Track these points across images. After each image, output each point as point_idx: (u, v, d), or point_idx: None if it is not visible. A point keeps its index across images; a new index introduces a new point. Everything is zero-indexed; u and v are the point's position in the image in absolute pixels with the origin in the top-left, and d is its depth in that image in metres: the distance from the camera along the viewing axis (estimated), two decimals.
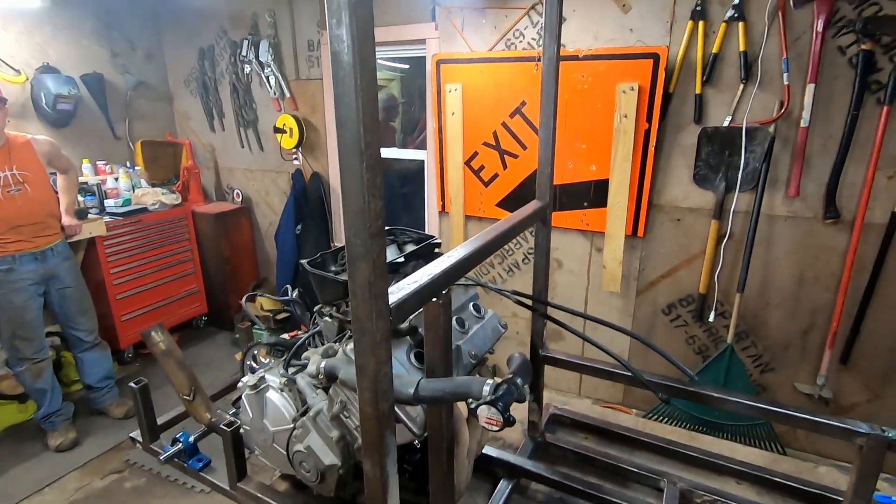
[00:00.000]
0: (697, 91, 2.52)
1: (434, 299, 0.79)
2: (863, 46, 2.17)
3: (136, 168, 4.03)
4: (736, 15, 2.35)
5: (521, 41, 2.89)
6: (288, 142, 3.76)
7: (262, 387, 1.11)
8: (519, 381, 0.80)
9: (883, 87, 2.20)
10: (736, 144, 2.45)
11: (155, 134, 4.29)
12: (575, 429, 1.53)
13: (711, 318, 2.70)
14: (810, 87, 2.29)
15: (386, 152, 3.86)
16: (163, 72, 4.32)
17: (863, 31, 2.16)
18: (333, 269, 1.14)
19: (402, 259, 1.17)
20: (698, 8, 2.43)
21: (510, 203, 3.13)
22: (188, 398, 1.33)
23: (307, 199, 3.90)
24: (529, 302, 1.22)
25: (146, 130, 4.25)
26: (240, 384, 1.23)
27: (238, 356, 3.48)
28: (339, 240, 3.91)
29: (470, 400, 0.76)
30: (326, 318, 1.12)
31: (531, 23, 2.83)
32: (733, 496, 1.26)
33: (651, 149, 2.64)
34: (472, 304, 1.18)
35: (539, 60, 2.77)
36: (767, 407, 1.14)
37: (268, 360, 1.61)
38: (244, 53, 3.79)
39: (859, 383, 2.56)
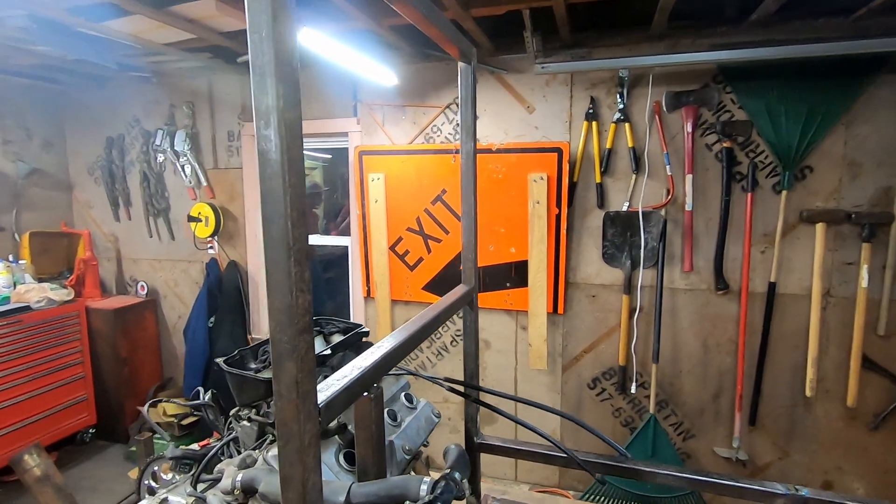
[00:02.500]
0: (598, 180, 2.81)
1: (365, 394, 0.75)
2: (724, 144, 2.58)
3: (21, 262, 3.62)
4: (622, 117, 2.72)
5: (438, 135, 3.10)
6: (203, 230, 3.61)
7: None
8: (457, 475, 0.76)
9: (745, 177, 2.59)
10: (635, 226, 2.72)
11: (49, 224, 3.94)
12: None
13: (633, 390, 2.81)
14: (689, 177, 2.64)
15: (310, 239, 3.82)
16: (63, 159, 4.06)
17: (721, 133, 2.58)
18: (253, 366, 1.05)
19: (328, 351, 1.11)
20: (590, 111, 2.77)
21: (437, 286, 3.17)
22: None
23: (222, 288, 3.69)
24: (462, 389, 1.20)
25: (38, 220, 3.89)
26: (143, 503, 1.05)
27: (133, 473, 3.01)
28: (258, 331, 3.68)
29: (407, 503, 0.71)
30: (244, 423, 1.01)
31: (447, 119, 3.07)
32: None
33: (563, 231, 2.85)
34: (403, 394, 1.13)
35: (457, 153, 2.98)
36: (695, 477, 1.17)
37: (171, 475, 1.41)
38: (158, 143, 3.69)
39: (769, 442, 2.73)
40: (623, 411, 2.96)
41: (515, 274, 3.00)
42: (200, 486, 0.97)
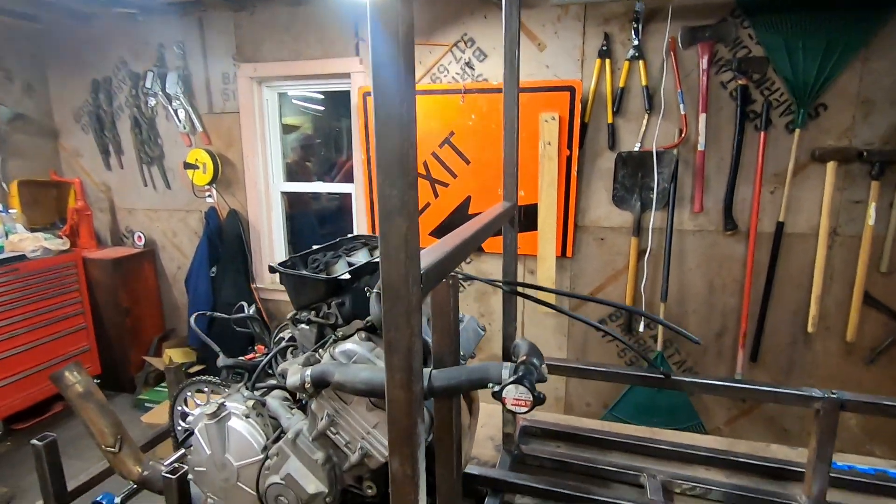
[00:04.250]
0: (609, 121, 2.77)
1: (444, 280, 0.74)
2: (739, 82, 2.54)
3: (12, 211, 3.50)
4: (636, 54, 2.65)
5: (445, 75, 3.01)
6: (201, 178, 3.51)
7: (222, 415, 0.94)
8: (535, 361, 0.76)
9: (758, 116, 2.57)
10: (647, 166, 2.71)
11: (36, 173, 3.79)
12: (546, 438, 1.50)
13: (641, 329, 2.87)
14: (703, 117, 2.61)
15: (312, 185, 3.75)
16: (46, 105, 3.87)
17: (737, 69, 2.53)
18: (306, 272, 1.03)
19: (361, 261, 1.10)
20: (604, 48, 2.70)
21: (444, 231, 3.14)
22: (113, 450, 1.09)
23: (223, 238, 3.62)
24: (530, 293, 1.19)
25: (25, 169, 3.74)
26: (190, 418, 1.04)
27: (148, 418, 3.03)
28: (261, 280, 3.65)
29: (490, 384, 0.71)
30: (303, 326, 1.00)
31: (454, 58, 2.97)
32: (707, 480, 1.30)
33: (574, 173, 2.83)
34: None
35: (466, 92, 2.90)
36: (736, 385, 1.21)
37: (205, 403, 1.40)
38: (148, 86, 3.53)
39: (769, 378, 2.83)
40: (628, 351, 3.03)
41: (524, 217, 2.98)
42: (257, 393, 0.97)
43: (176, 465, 1.01)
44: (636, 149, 2.75)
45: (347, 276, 0.94)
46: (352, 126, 3.25)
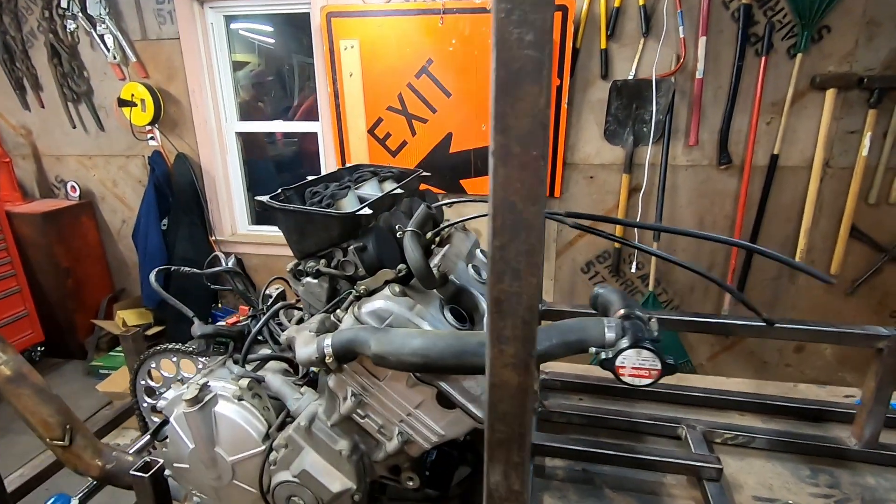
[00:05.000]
0: (602, 46, 2.54)
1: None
2: (742, 1, 2.35)
3: None
4: None
5: None
6: (140, 117, 3.06)
7: (207, 399, 0.73)
8: (641, 314, 0.60)
9: (760, 39, 2.41)
10: (644, 97, 2.52)
11: None
12: (568, 392, 1.37)
13: (633, 270, 2.79)
14: (702, 40, 2.42)
15: (273, 125, 3.37)
16: None
17: None
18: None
19: (400, 190, 0.88)
20: None
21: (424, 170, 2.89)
22: (62, 444, 0.87)
23: (173, 186, 3.23)
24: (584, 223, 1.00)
25: None
26: (160, 404, 0.81)
27: (104, 387, 2.75)
28: (221, 232, 3.32)
29: (594, 350, 0.54)
30: (309, 280, 0.78)
31: None
32: (747, 428, 1.21)
33: (564, 106, 2.61)
34: (478, 249, 0.94)
35: (445, 13, 2.58)
36: (793, 326, 1.10)
37: (175, 374, 1.18)
38: (64, 6, 2.97)
39: (753, 313, 2.84)
40: None
41: None
42: (248, 367, 0.76)
43: (148, 459, 0.80)
44: (631, 77, 2.55)
45: (368, 210, 0.72)
46: (314, 57, 2.87)
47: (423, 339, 0.57)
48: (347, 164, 1.07)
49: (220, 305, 3.22)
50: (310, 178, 0.90)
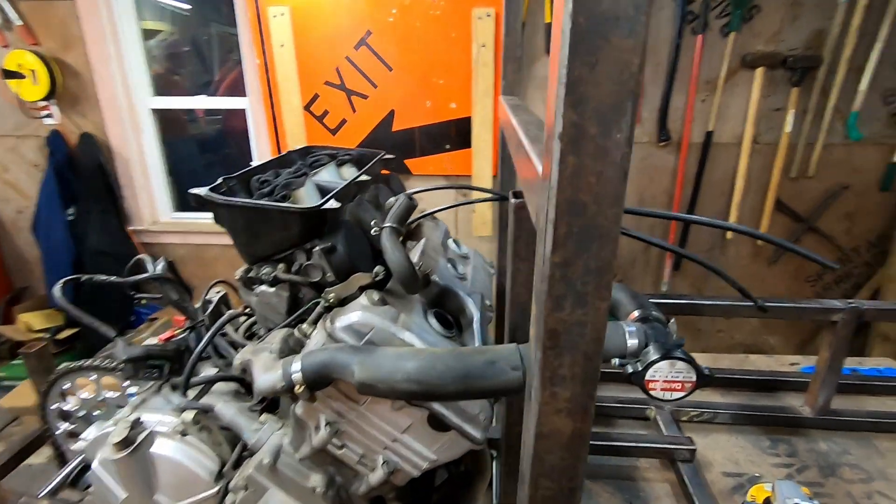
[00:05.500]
0: (547, 19, 2.49)
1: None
2: None
3: None
4: None
5: None
6: (30, 91, 2.65)
7: (140, 439, 0.60)
8: (659, 315, 0.54)
9: (697, 17, 2.45)
10: None
11: None
12: None
13: None
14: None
15: (194, 100, 3.05)
16: None
17: None
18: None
19: (366, 176, 0.77)
20: None
21: None
22: None
23: (77, 171, 2.86)
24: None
25: None
26: (79, 445, 0.66)
27: (12, 400, 2.42)
28: (140, 221, 2.99)
29: (617, 361, 0.47)
30: (264, 289, 0.66)
31: None
32: (710, 404, 1.23)
33: None
34: (450, 240, 0.85)
35: None
36: (763, 304, 1.11)
37: (94, 395, 1.01)
38: None
39: (688, 283, 2.99)
40: None
41: (456, 133, 2.69)
42: (192, 395, 0.63)
43: None
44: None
45: (335, 203, 0.61)
46: (237, 25, 2.60)
47: (417, 360, 0.47)
48: (297, 147, 0.94)
49: (143, 303, 2.91)
50: (254, 163, 0.77)
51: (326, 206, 0.60)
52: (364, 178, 0.75)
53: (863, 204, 2.72)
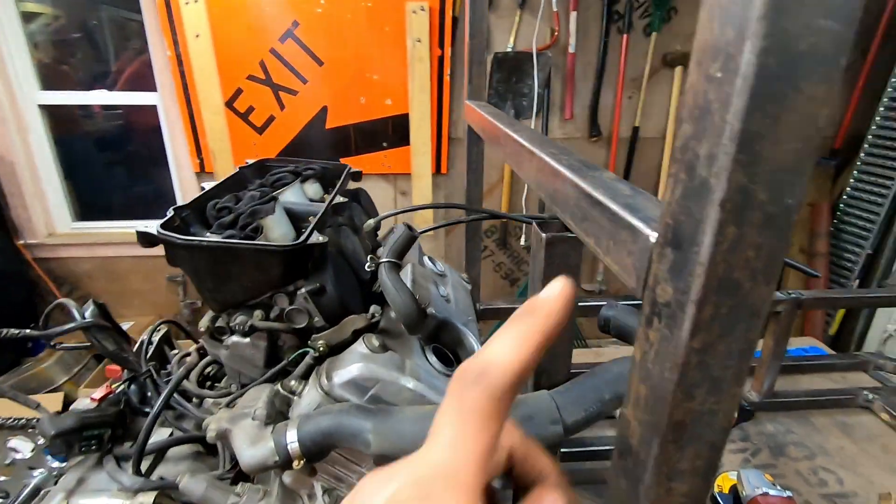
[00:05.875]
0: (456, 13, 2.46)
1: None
2: None
3: None
4: None
5: None
6: None
7: None
8: None
9: (622, 17, 2.55)
10: (524, 70, 2.52)
11: None
12: None
13: (522, 242, 2.86)
14: (573, 15, 2.48)
15: (94, 96, 2.69)
16: None
17: None
18: (212, 235, 0.55)
19: (341, 198, 0.67)
20: None
21: (295, 152, 2.58)
22: None
23: None
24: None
25: None
26: None
27: None
28: (33, 234, 2.61)
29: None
30: (235, 339, 0.55)
31: None
32: None
33: (447, 77, 2.51)
34: (425, 256, 0.79)
35: None
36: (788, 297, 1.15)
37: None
38: None
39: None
40: (504, 265, 3.04)
41: (393, 131, 2.60)
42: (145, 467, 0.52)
43: None
44: (510, 49, 2.53)
45: (321, 236, 0.52)
46: (143, 11, 2.32)
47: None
48: (248, 161, 0.83)
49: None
50: (205, 185, 0.65)
51: (312, 240, 0.52)
52: (340, 199, 0.67)
53: None
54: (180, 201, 0.59)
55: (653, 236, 0.24)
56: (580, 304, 1.09)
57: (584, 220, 0.32)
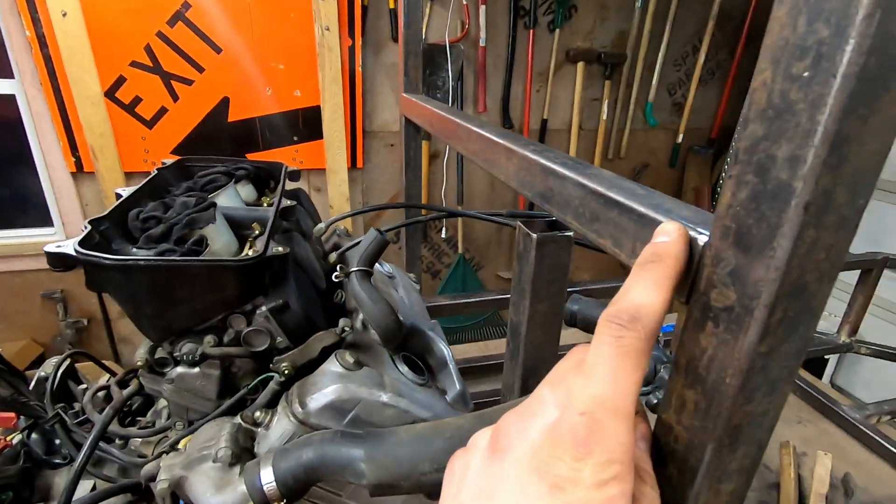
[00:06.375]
0: (391, 5, 2.41)
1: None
2: None
3: None
4: None
5: None
6: None
7: None
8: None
9: (527, 13, 2.63)
10: (437, 62, 2.51)
11: None
12: None
13: (444, 235, 2.86)
14: (483, 8, 2.52)
15: None
16: None
17: None
18: (139, 250, 0.45)
19: (288, 201, 0.59)
20: None
21: (193, 148, 2.35)
22: None
23: None
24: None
25: None
26: None
27: None
28: None
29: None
30: (182, 371, 0.45)
31: None
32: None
33: (359, 69, 2.42)
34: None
35: None
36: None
37: None
38: None
39: None
40: (425, 258, 3.03)
41: (304, 125, 2.47)
42: None
43: None
44: (422, 41, 2.50)
45: (282, 247, 0.45)
46: None
47: (442, 439, 0.36)
48: (165, 161, 0.71)
49: None
50: (119, 190, 0.55)
51: (271, 251, 0.45)
52: (286, 202, 0.60)
53: (659, 179, 3.29)
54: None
55: (702, 239, 0.24)
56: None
57: (594, 221, 0.31)
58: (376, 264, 0.76)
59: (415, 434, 0.37)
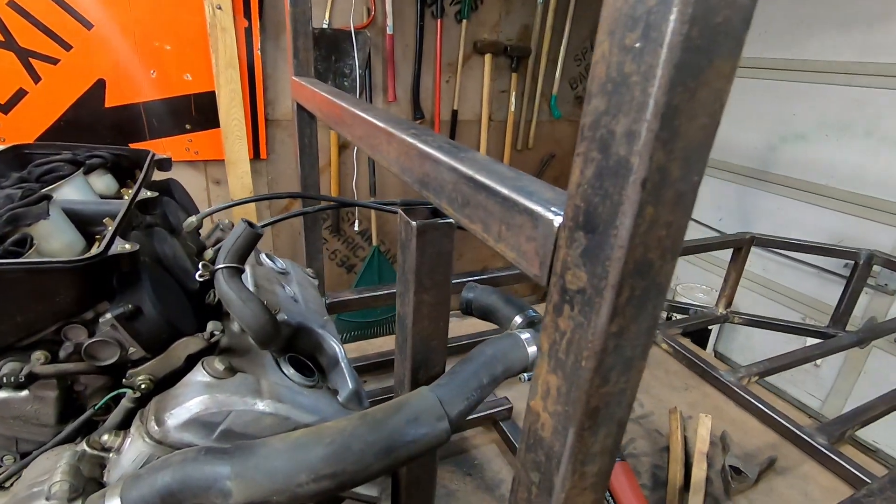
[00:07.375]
0: None
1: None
2: None
3: None
4: None
5: None
6: None
7: None
8: (533, 313, 0.51)
9: (435, 2, 2.62)
10: (343, 49, 2.43)
11: None
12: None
13: (356, 228, 2.79)
14: None
15: None
16: None
17: None
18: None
19: (148, 192, 0.50)
20: None
21: (62, 135, 2.08)
22: None
23: None
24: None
25: None
26: None
27: None
28: None
29: (525, 376, 0.43)
30: (9, 395, 0.36)
31: None
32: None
33: (257, 52, 2.27)
34: (262, 254, 0.67)
35: None
36: None
37: None
38: None
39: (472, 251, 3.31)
40: (339, 252, 2.95)
41: (197, 111, 2.28)
42: None
43: None
44: (326, 26, 2.40)
45: (131, 244, 0.38)
46: None
47: (322, 446, 0.33)
48: None
49: None
50: None
51: (115, 249, 0.38)
52: (147, 194, 0.52)
53: (565, 169, 3.45)
54: None
55: (556, 220, 0.23)
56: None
57: (465, 206, 0.30)
58: (267, 259, 0.71)
59: (291, 442, 0.33)
